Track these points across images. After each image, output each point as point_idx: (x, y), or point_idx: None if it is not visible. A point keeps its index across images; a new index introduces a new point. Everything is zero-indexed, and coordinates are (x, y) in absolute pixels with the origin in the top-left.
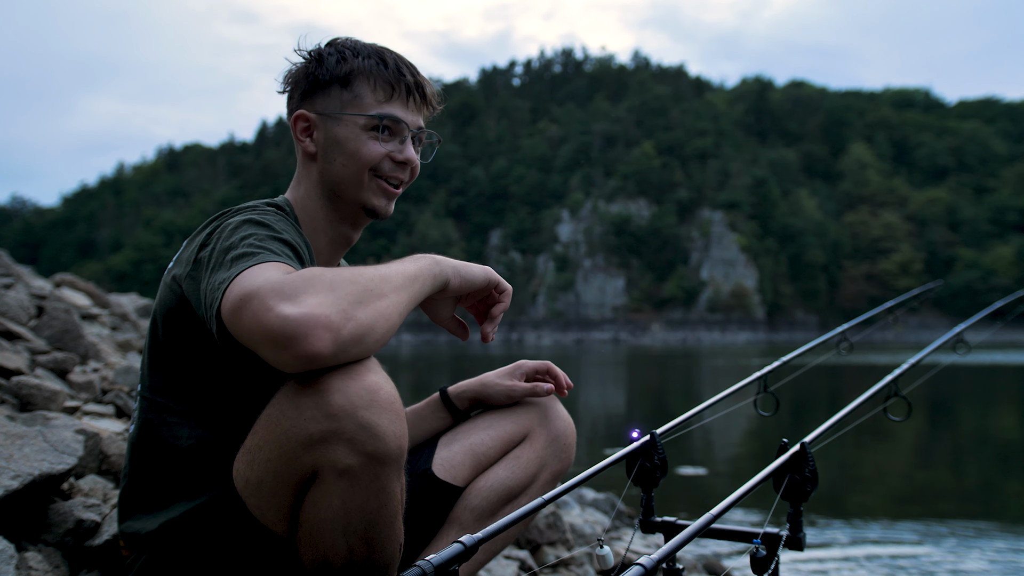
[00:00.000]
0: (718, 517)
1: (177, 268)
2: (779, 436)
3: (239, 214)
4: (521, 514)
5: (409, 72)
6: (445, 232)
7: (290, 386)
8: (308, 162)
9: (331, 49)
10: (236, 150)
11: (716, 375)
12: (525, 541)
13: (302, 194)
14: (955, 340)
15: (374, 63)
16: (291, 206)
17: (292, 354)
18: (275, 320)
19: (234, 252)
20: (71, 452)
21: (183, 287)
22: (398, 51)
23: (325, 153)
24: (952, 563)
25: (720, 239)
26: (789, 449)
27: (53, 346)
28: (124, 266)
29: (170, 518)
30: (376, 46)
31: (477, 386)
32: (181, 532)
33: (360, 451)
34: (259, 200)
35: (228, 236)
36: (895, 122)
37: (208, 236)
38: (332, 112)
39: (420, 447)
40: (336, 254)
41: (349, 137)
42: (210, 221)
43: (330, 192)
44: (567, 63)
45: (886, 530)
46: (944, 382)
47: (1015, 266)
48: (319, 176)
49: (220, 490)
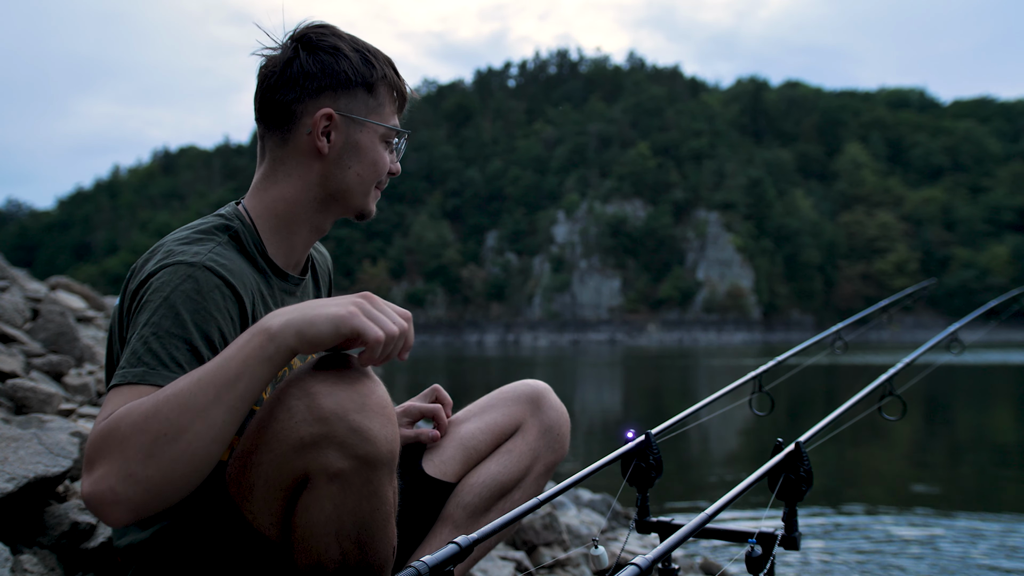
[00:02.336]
0: (713, 517)
1: (121, 303)
2: (774, 436)
3: (167, 269)
4: (516, 515)
5: (405, 82)
6: (441, 234)
7: (280, 390)
8: (310, 161)
9: (349, 46)
10: (231, 152)
11: (712, 375)
12: (521, 542)
13: (283, 195)
14: (950, 339)
15: (392, 72)
16: (251, 219)
17: (104, 523)
18: (80, 493)
19: (131, 349)
20: (66, 455)
21: (123, 325)
22: (392, 52)
23: (339, 158)
24: (949, 560)
25: (716, 239)
26: (784, 448)
27: (48, 349)
28: (119, 269)
29: (163, 525)
30: (375, 47)
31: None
32: (174, 538)
33: (351, 455)
34: (211, 220)
35: (147, 312)
36: (890, 122)
37: (139, 288)
38: (358, 116)
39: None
40: (309, 245)
41: (369, 146)
42: (149, 257)
43: (328, 196)
44: (562, 64)
45: (881, 528)
46: (939, 381)
47: (1010, 265)
48: (320, 178)
49: (212, 495)
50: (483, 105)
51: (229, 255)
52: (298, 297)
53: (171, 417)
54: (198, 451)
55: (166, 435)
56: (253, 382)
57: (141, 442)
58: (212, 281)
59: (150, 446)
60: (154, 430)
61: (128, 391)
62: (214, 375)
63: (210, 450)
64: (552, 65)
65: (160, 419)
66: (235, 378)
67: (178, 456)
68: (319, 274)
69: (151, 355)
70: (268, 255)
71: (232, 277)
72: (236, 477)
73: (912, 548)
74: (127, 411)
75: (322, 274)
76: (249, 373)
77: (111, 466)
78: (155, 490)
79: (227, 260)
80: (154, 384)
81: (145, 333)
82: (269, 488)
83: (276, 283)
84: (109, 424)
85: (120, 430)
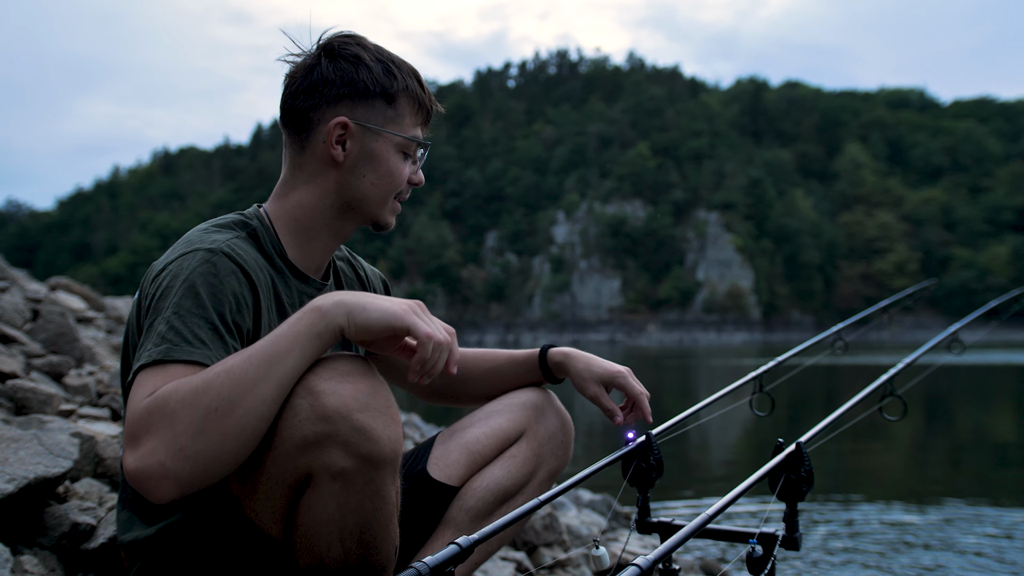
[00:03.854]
0: (714, 517)
1: (140, 298)
2: (775, 436)
3: (185, 256)
4: (517, 515)
5: (431, 95)
6: (441, 234)
7: None
8: (326, 168)
9: (372, 56)
10: (231, 153)
11: (712, 376)
12: (522, 543)
13: (300, 201)
14: (950, 339)
15: (415, 84)
16: (271, 221)
17: (148, 499)
18: (124, 468)
19: (157, 320)
20: (66, 455)
21: (140, 316)
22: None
23: (355, 166)
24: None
25: (716, 240)
26: (785, 449)
27: (48, 349)
28: (120, 269)
29: (168, 523)
30: (402, 58)
31: (572, 366)
32: (178, 536)
33: (355, 454)
34: (231, 217)
35: (168, 296)
36: (890, 122)
37: (158, 275)
38: (374, 126)
39: (416, 447)
40: (330, 251)
41: (385, 156)
42: (169, 250)
43: (344, 204)
44: (562, 64)
45: (883, 528)
46: (940, 382)
47: (1010, 265)
48: (337, 186)
49: (216, 493)
50: (483, 105)
51: (246, 248)
52: None
53: (222, 392)
54: (247, 426)
55: (217, 410)
56: (302, 359)
57: (192, 417)
58: (228, 266)
59: (201, 421)
60: (205, 405)
61: (156, 370)
62: (265, 351)
63: (258, 427)
64: (552, 65)
65: (211, 394)
66: (285, 353)
67: (229, 431)
68: (343, 284)
69: (174, 333)
70: (287, 257)
71: (247, 267)
72: (239, 475)
73: (914, 548)
74: (175, 387)
75: (349, 284)
76: (299, 349)
77: (160, 441)
78: (204, 465)
79: (243, 252)
80: (179, 360)
81: (167, 315)
82: (272, 487)
83: (295, 284)
84: (156, 400)
85: (169, 405)
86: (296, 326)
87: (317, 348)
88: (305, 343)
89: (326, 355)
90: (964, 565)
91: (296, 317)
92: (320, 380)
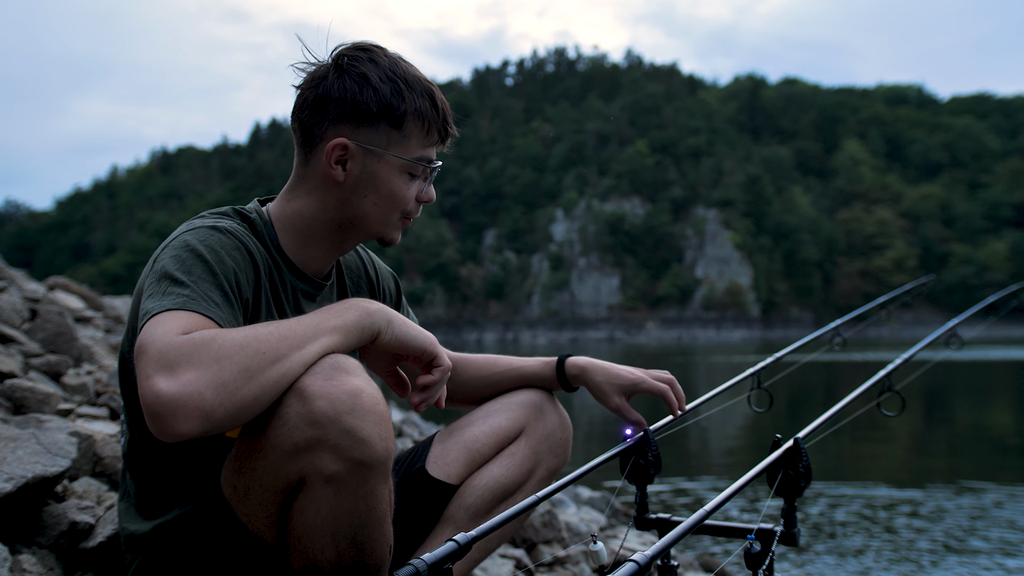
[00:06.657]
0: (712, 513)
1: (144, 277)
2: (773, 432)
3: (187, 232)
4: (515, 512)
5: (450, 115)
6: (439, 232)
7: None
8: (328, 187)
9: (382, 74)
10: (229, 152)
11: (711, 372)
12: (521, 540)
13: (301, 211)
14: (948, 335)
15: (427, 105)
16: (270, 219)
17: (158, 429)
18: (150, 392)
19: (164, 283)
20: (65, 454)
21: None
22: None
23: (356, 187)
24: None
25: (714, 237)
26: (783, 445)
27: (47, 349)
28: (118, 269)
29: (163, 520)
30: (418, 75)
31: (591, 379)
32: (173, 535)
33: (345, 457)
34: (228, 208)
35: (170, 263)
36: (888, 119)
37: (161, 253)
38: (377, 148)
39: (415, 445)
40: (330, 259)
41: (387, 178)
42: (171, 237)
43: (346, 221)
44: (560, 62)
45: (881, 523)
46: (938, 377)
47: (1009, 261)
48: (338, 203)
49: (209, 496)
50: (481, 104)
51: (245, 233)
52: (318, 304)
53: (272, 342)
54: (282, 382)
55: (266, 355)
56: (340, 341)
57: (239, 362)
58: (231, 241)
59: (249, 362)
60: (254, 349)
61: (178, 315)
62: (314, 321)
63: (286, 386)
64: (550, 63)
65: (261, 341)
66: (331, 331)
67: (274, 379)
68: (347, 285)
69: (188, 289)
70: (284, 252)
71: (248, 246)
72: (231, 481)
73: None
74: (221, 331)
75: (355, 284)
76: (343, 333)
77: (205, 373)
78: (237, 410)
79: (243, 235)
80: (196, 311)
81: (179, 276)
82: (264, 492)
83: (289, 277)
84: (202, 337)
85: (217, 343)
86: (344, 315)
87: (355, 340)
88: (349, 329)
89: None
90: (962, 560)
91: (343, 306)
92: (306, 384)
